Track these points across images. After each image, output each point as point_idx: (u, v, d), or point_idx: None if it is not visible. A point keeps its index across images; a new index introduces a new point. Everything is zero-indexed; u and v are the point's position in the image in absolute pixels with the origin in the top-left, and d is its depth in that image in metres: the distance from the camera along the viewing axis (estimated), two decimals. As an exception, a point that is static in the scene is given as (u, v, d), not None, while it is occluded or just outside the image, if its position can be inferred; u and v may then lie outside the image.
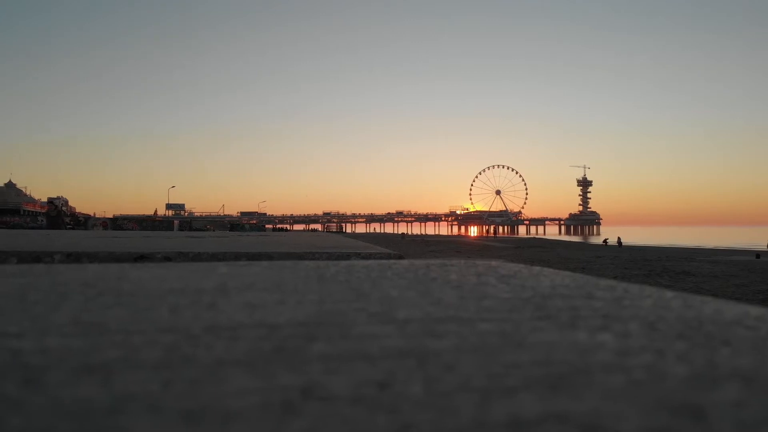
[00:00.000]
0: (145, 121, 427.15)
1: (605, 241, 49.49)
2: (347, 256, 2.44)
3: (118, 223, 51.18)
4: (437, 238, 57.02)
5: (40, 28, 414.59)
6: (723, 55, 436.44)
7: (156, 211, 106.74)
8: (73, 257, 2.22)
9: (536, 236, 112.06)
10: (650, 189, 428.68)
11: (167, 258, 2.26)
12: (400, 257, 2.39)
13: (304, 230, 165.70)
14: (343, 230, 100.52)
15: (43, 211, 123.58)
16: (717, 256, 30.61)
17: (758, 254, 31.92)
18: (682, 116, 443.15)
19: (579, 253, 19.66)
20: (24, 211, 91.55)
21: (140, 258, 2.21)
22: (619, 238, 49.08)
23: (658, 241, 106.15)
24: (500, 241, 48.20)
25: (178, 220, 56.54)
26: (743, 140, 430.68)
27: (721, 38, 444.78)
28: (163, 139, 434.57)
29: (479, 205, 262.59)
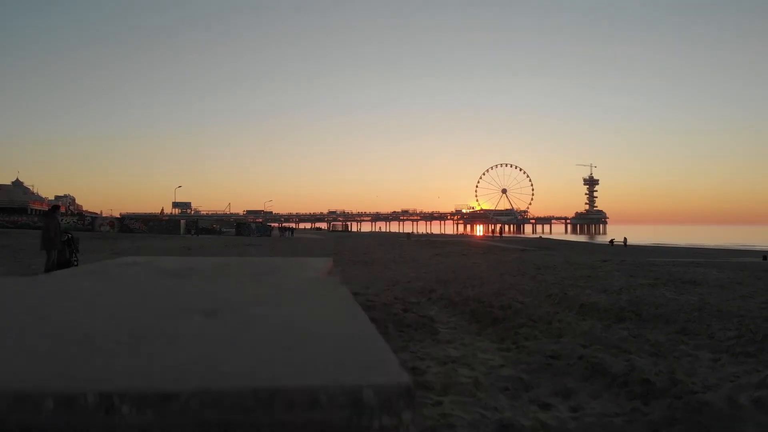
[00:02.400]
0: (152, 118, 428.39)
1: (612, 241, 49.49)
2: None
3: (125, 223, 51.46)
4: (443, 238, 57.04)
5: (46, 27, 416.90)
6: (733, 52, 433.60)
7: (162, 210, 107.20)
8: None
9: (542, 236, 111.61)
10: (657, 188, 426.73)
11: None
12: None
13: (309, 228, 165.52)
14: (349, 229, 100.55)
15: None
16: (723, 258, 30.42)
17: (765, 255, 31.81)
18: (689, 114, 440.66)
19: (586, 257, 19.60)
20: (31, 210, 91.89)
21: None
22: (625, 239, 49.06)
23: (664, 240, 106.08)
24: (506, 241, 48.09)
25: (185, 220, 56.73)
26: (751, 139, 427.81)
27: (732, 35, 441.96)
28: (169, 138, 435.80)
29: (485, 204, 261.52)
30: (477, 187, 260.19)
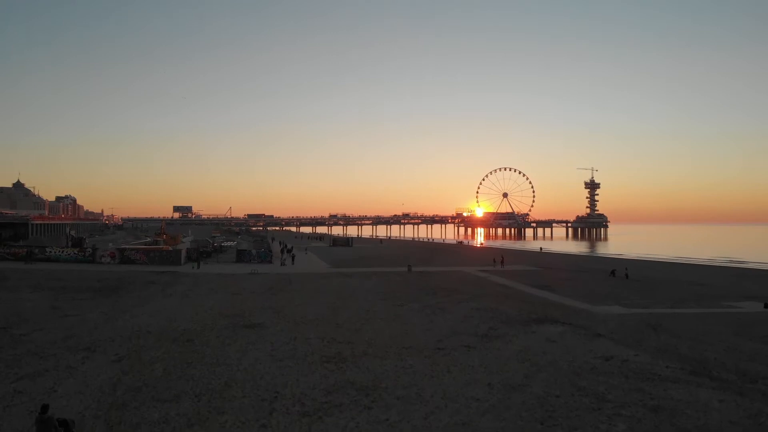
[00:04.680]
0: (153, 121, 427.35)
1: (613, 272, 49.37)
2: None
3: (125, 254, 51.25)
4: (444, 269, 57.16)
5: (47, 28, 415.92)
6: (738, 53, 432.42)
7: (163, 225, 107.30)
8: None
9: (543, 246, 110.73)
10: (657, 189, 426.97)
11: None
12: None
13: (311, 234, 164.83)
14: (350, 243, 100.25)
15: (54, 222, 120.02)
16: (724, 301, 30.11)
17: (766, 303, 31.60)
18: (689, 117, 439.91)
19: (587, 341, 19.50)
20: (33, 225, 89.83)
21: None
22: (626, 270, 49.07)
23: (664, 251, 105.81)
24: (509, 275, 47.83)
25: (186, 248, 56.64)
26: (748, 141, 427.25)
27: (734, 36, 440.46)
28: (171, 140, 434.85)
29: (487, 207, 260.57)
30: (478, 190, 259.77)
